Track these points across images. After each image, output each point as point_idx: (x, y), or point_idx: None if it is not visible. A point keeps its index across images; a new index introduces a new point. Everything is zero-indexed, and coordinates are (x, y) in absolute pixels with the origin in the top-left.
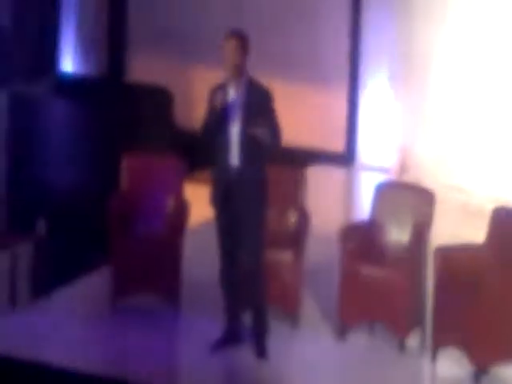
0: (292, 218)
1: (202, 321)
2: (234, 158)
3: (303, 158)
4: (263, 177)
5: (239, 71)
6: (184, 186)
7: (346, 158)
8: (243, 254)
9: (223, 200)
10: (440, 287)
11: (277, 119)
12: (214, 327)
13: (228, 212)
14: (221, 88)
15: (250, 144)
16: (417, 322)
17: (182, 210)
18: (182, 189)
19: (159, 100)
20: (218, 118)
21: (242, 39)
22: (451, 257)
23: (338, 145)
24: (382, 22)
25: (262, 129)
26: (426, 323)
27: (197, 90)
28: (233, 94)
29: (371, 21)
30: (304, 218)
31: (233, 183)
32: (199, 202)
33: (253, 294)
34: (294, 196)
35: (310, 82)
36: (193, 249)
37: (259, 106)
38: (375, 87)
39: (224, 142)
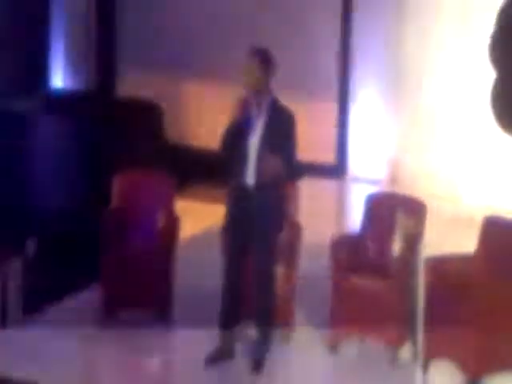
0: (284, 231)
1: (194, 336)
2: (251, 175)
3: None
4: (280, 195)
5: (259, 90)
6: (175, 201)
7: (337, 170)
8: (256, 269)
9: (238, 217)
10: (431, 298)
11: (295, 145)
12: (207, 342)
13: (242, 229)
14: (243, 102)
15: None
16: (408, 333)
17: (173, 225)
18: (173, 204)
19: (149, 115)
20: (235, 132)
21: (262, 60)
22: (442, 267)
23: (328, 157)
24: (372, 32)
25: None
26: (418, 334)
27: (187, 105)
28: (254, 110)
29: (362, 33)
30: (296, 230)
31: (248, 201)
32: (190, 218)
33: (263, 307)
34: (286, 209)
35: (300, 94)
36: (184, 264)
37: (280, 128)
38: (366, 98)
39: (241, 159)
